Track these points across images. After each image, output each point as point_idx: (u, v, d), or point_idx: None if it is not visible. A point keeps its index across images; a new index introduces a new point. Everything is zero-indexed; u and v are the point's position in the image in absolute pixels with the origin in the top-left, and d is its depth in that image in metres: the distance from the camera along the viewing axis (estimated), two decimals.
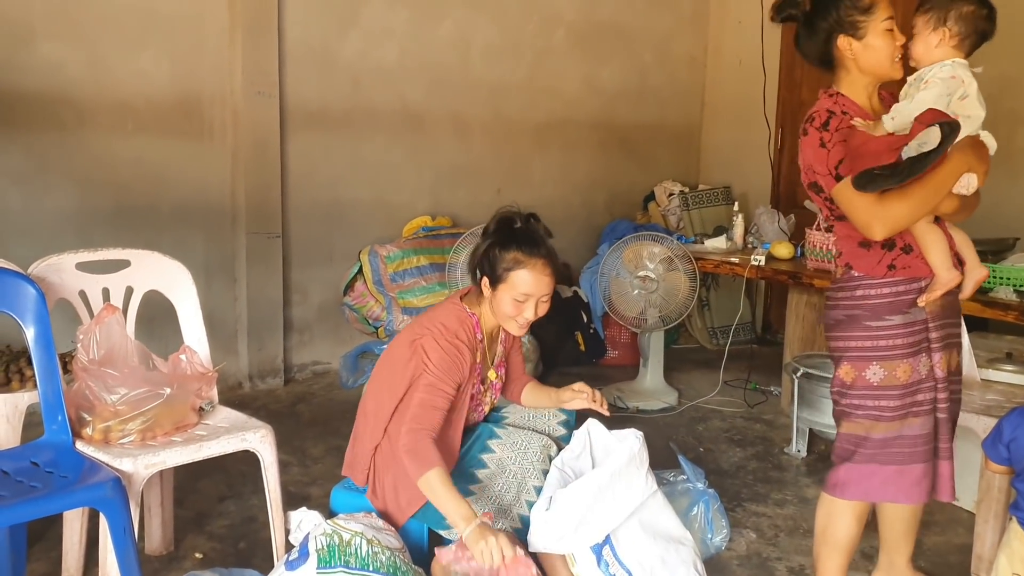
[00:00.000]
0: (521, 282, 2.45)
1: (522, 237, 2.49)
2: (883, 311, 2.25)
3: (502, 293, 2.47)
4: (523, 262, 2.45)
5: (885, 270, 2.26)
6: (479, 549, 2.16)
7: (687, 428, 4.27)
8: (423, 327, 2.52)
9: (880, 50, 2.25)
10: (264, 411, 4.28)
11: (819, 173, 2.26)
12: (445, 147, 5.39)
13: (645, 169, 6.34)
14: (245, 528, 3.06)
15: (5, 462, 2.24)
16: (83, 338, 2.39)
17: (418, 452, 2.31)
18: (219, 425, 2.56)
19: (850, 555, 2.45)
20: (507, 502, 2.49)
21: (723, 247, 4.83)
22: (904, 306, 2.26)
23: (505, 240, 2.48)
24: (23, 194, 4.04)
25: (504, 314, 2.49)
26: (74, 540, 2.62)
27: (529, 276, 2.45)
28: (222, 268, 4.64)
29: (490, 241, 2.50)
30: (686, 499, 2.90)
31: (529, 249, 2.46)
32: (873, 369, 2.27)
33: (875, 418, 2.28)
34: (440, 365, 2.42)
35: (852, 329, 2.29)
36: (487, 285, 2.50)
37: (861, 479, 2.32)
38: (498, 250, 2.47)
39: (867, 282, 2.28)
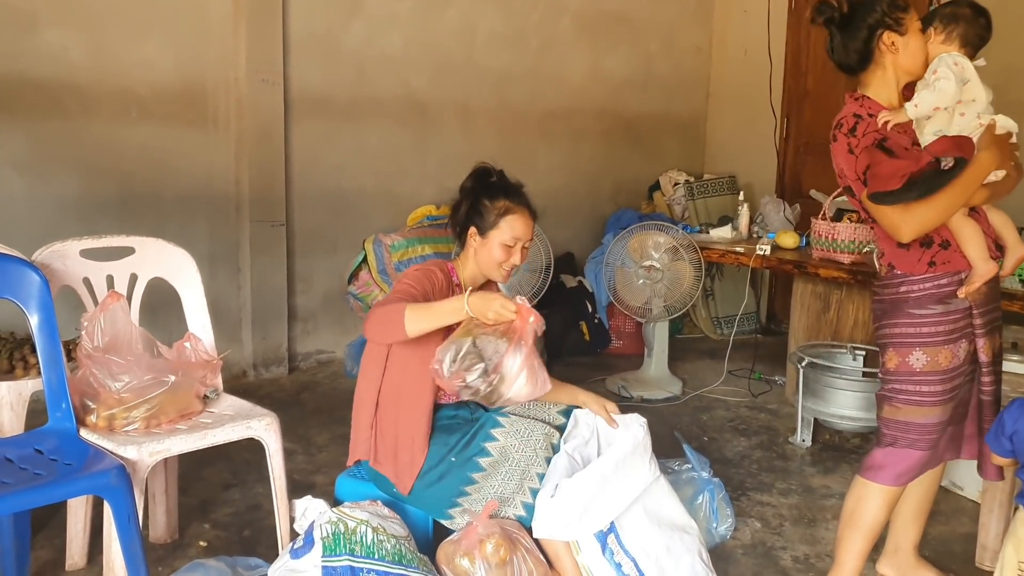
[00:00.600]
0: (511, 227, 2.57)
1: (505, 187, 2.62)
2: (926, 301, 2.33)
3: (492, 240, 2.57)
4: (512, 209, 2.58)
5: (926, 267, 2.33)
6: (491, 313, 2.23)
7: (691, 417, 4.27)
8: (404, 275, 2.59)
9: (918, 46, 2.33)
10: (268, 400, 4.28)
11: (849, 178, 2.35)
12: (450, 136, 5.37)
13: (650, 158, 6.32)
14: (250, 516, 3.06)
15: (9, 449, 2.24)
16: (87, 325, 2.38)
17: (385, 315, 2.31)
18: (224, 413, 2.55)
19: (873, 540, 2.48)
20: (510, 490, 2.48)
21: (728, 237, 4.81)
22: (946, 296, 2.33)
23: (490, 190, 2.61)
24: (27, 181, 4.03)
25: (493, 261, 2.58)
26: (78, 528, 2.63)
27: (518, 221, 2.58)
28: (226, 256, 4.63)
29: (476, 194, 2.62)
30: (691, 488, 2.89)
31: (514, 197, 2.61)
32: (916, 355, 2.34)
33: (917, 403, 2.36)
34: (412, 277, 2.50)
35: (896, 316, 2.37)
36: (475, 235, 2.60)
37: (896, 463, 2.39)
38: (486, 200, 2.59)
39: (909, 279, 2.35)
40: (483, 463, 2.48)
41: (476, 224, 2.59)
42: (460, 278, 2.63)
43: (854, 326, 4.17)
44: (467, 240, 2.62)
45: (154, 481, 2.77)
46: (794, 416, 3.99)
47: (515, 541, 2.42)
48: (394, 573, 2.25)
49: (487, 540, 2.38)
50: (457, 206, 2.67)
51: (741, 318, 5.29)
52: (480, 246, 2.59)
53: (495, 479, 2.48)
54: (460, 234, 2.66)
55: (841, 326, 4.22)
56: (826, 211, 4.06)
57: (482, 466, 2.48)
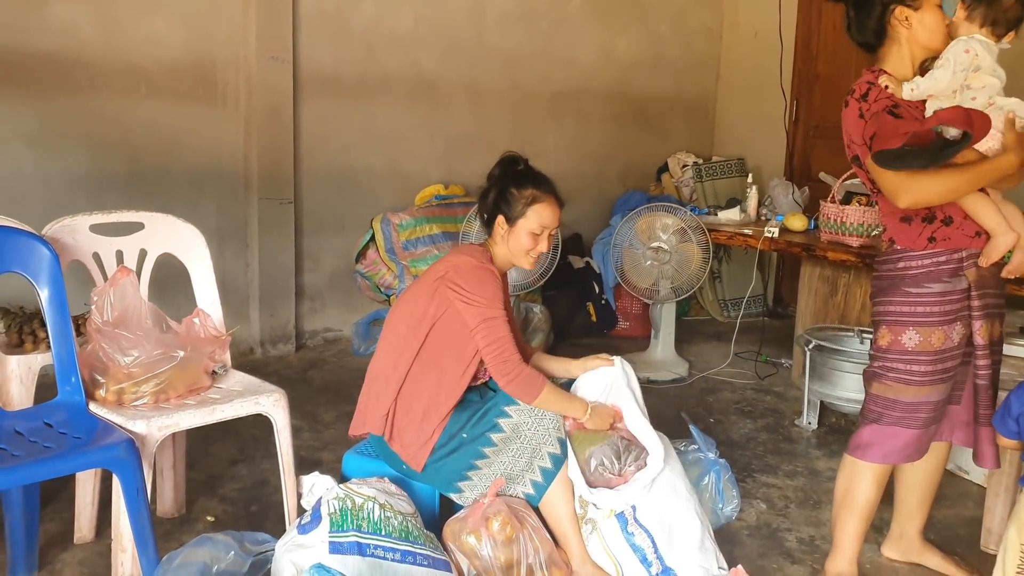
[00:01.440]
0: (538, 216, 2.58)
1: (532, 176, 2.64)
2: (923, 279, 2.33)
3: (520, 229, 2.58)
4: (539, 197, 2.59)
5: (926, 243, 2.33)
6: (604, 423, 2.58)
7: (697, 399, 4.27)
8: (442, 266, 2.59)
9: (935, 21, 2.32)
10: (276, 377, 4.29)
11: (856, 143, 2.34)
12: (458, 115, 5.36)
13: (659, 140, 6.29)
14: (257, 492, 3.08)
15: (19, 422, 2.25)
16: (97, 300, 2.39)
17: (525, 380, 2.48)
18: (232, 389, 2.56)
19: (868, 520, 2.50)
20: (520, 468, 2.49)
21: (736, 219, 4.80)
22: (944, 275, 2.33)
23: (518, 179, 2.62)
24: (36, 156, 4.03)
25: (521, 249, 2.60)
26: (87, 501, 2.65)
27: (546, 210, 2.59)
28: (234, 234, 4.64)
29: (504, 181, 2.62)
30: (697, 468, 2.90)
31: (542, 186, 2.62)
32: (909, 334, 2.35)
33: (905, 382, 2.37)
34: (481, 292, 2.50)
35: (893, 294, 2.37)
36: (503, 224, 2.60)
37: (884, 441, 2.41)
38: (514, 188, 2.59)
39: (908, 254, 2.36)
40: (495, 439, 2.49)
41: (504, 212, 2.60)
42: (496, 265, 2.62)
43: (862, 309, 4.16)
44: (495, 228, 2.63)
45: (162, 456, 2.78)
46: (800, 399, 3.99)
47: (522, 519, 2.43)
48: (401, 549, 2.26)
49: (493, 518, 2.39)
50: (485, 193, 2.67)
51: (748, 301, 5.28)
52: (508, 234, 2.60)
53: (506, 455, 2.49)
54: (488, 221, 2.66)
55: (848, 309, 4.22)
56: (835, 194, 4.04)
57: (494, 442, 2.49)
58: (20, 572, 2.46)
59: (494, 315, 2.49)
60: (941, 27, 2.32)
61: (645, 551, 2.44)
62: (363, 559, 2.19)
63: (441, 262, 2.65)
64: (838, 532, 2.54)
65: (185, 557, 2.13)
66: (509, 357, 2.48)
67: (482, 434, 2.50)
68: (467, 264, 2.55)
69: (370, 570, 2.18)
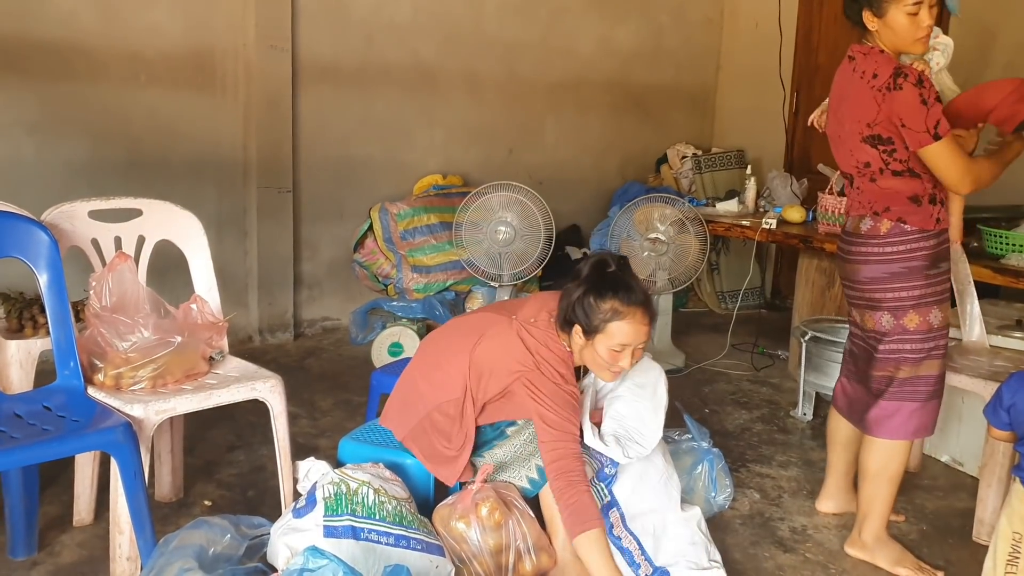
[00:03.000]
0: (620, 333, 2.31)
1: (619, 283, 2.33)
2: (939, 259, 2.51)
3: (599, 344, 2.33)
4: (621, 312, 2.30)
5: (935, 223, 2.48)
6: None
7: (693, 390, 4.29)
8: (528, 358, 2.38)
9: (898, 30, 2.41)
10: (274, 364, 4.30)
11: (910, 128, 2.36)
12: (457, 105, 5.36)
13: (658, 131, 6.30)
14: (254, 477, 3.10)
15: (18, 405, 2.27)
16: (95, 285, 2.40)
17: (578, 509, 2.25)
18: (229, 374, 2.58)
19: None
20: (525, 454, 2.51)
21: (735, 210, 4.81)
22: (946, 255, 2.53)
23: (601, 287, 2.32)
24: (37, 144, 4.05)
25: (600, 364, 2.36)
26: (85, 484, 2.67)
27: (628, 327, 2.31)
28: (233, 222, 4.65)
29: (584, 288, 2.34)
30: (690, 458, 2.92)
31: (627, 297, 2.31)
32: (935, 313, 2.51)
33: (937, 357, 2.55)
34: (560, 404, 2.33)
35: (914, 279, 2.49)
36: (580, 334, 2.35)
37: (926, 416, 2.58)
38: (593, 298, 2.31)
39: (921, 235, 2.47)
40: (508, 432, 2.51)
41: (581, 322, 2.33)
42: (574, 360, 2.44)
43: None
44: (572, 334, 2.38)
45: (160, 441, 2.80)
46: (796, 390, 4.01)
47: (509, 504, 2.45)
48: (395, 534, 2.28)
49: (482, 504, 2.41)
50: (567, 293, 2.38)
51: (745, 292, 5.29)
52: (585, 346, 2.36)
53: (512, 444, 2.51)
54: (566, 323, 2.39)
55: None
56: (833, 185, 4.06)
57: (507, 434, 2.51)
58: (20, 553, 2.49)
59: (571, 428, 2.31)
60: (909, 32, 2.40)
61: (632, 553, 2.46)
62: (357, 543, 2.21)
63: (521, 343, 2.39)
64: (877, 503, 2.65)
65: (182, 540, 2.15)
66: (574, 477, 2.26)
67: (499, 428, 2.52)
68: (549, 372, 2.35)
69: (364, 554, 2.20)
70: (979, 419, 2.76)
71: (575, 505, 2.25)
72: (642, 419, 2.55)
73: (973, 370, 2.87)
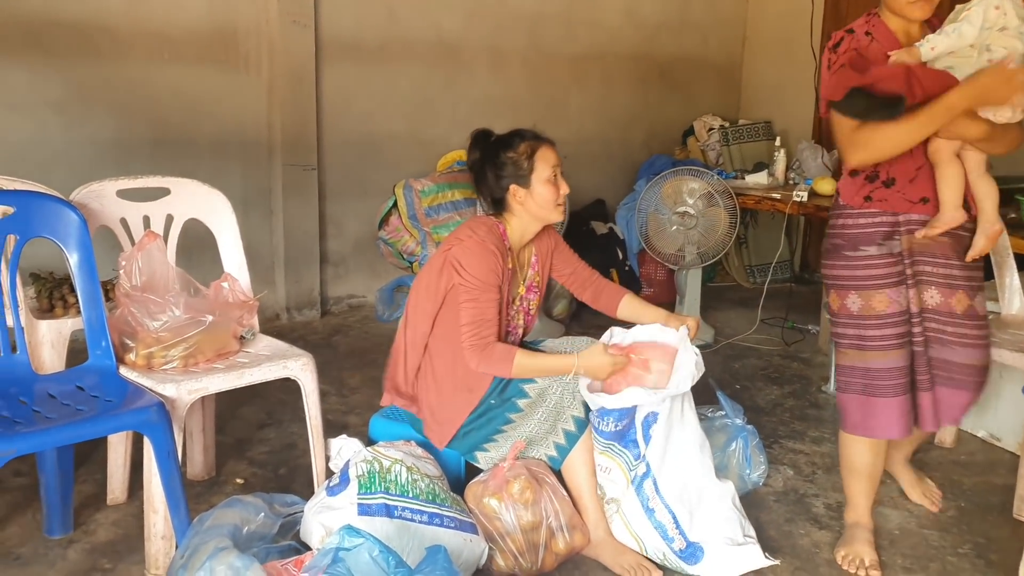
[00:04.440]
0: (545, 160, 2.52)
1: (509, 136, 2.56)
2: (859, 241, 2.34)
3: (536, 182, 2.52)
4: (534, 144, 2.53)
5: (862, 200, 2.34)
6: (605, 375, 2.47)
7: (723, 366, 4.25)
8: (450, 241, 2.55)
9: None
10: (301, 342, 4.28)
11: (822, 96, 2.31)
12: (481, 79, 5.31)
13: (685, 103, 6.21)
14: (285, 455, 3.10)
15: (51, 385, 2.28)
16: (125, 264, 2.40)
17: (494, 356, 2.43)
18: (260, 353, 2.57)
19: (870, 479, 2.55)
20: (543, 431, 2.50)
21: (764, 183, 4.74)
22: (878, 237, 2.33)
23: (503, 144, 2.55)
24: (63, 123, 4.05)
25: (548, 201, 2.53)
26: (118, 464, 2.68)
27: (547, 151, 2.53)
28: (259, 200, 4.64)
29: (491, 155, 2.55)
30: (724, 435, 2.89)
31: (525, 136, 2.55)
32: (852, 298, 2.36)
33: (859, 347, 2.37)
34: (475, 272, 2.45)
35: (835, 258, 2.40)
36: (518, 191, 2.53)
37: (854, 411, 2.42)
38: (505, 154, 2.53)
39: (847, 211, 2.38)
40: (521, 404, 2.49)
41: (514, 180, 2.52)
42: (509, 240, 2.58)
43: None
44: (508, 201, 2.55)
45: (192, 420, 2.81)
46: (827, 365, 3.96)
47: (541, 481, 2.44)
48: (428, 512, 2.28)
49: (514, 481, 2.40)
50: (480, 178, 2.58)
51: (775, 266, 5.23)
52: (527, 197, 2.52)
53: (531, 420, 2.50)
54: (498, 201, 2.57)
55: None
56: None
57: (520, 407, 2.49)
58: (56, 531, 2.50)
59: (484, 297, 2.44)
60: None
61: (666, 527, 2.44)
62: (391, 521, 2.21)
63: (452, 235, 2.60)
64: (845, 489, 2.62)
65: (216, 519, 2.15)
66: (476, 340, 2.42)
67: (509, 399, 2.50)
68: (471, 241, 2.48)
69: (398, 532, 2.19)
70: (1017, 394, 2.71)
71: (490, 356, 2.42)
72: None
73: (1013, 344, 2.81)
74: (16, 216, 2.32)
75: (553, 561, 2.42)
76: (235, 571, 1.96)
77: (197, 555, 2.01)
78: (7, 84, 3.89)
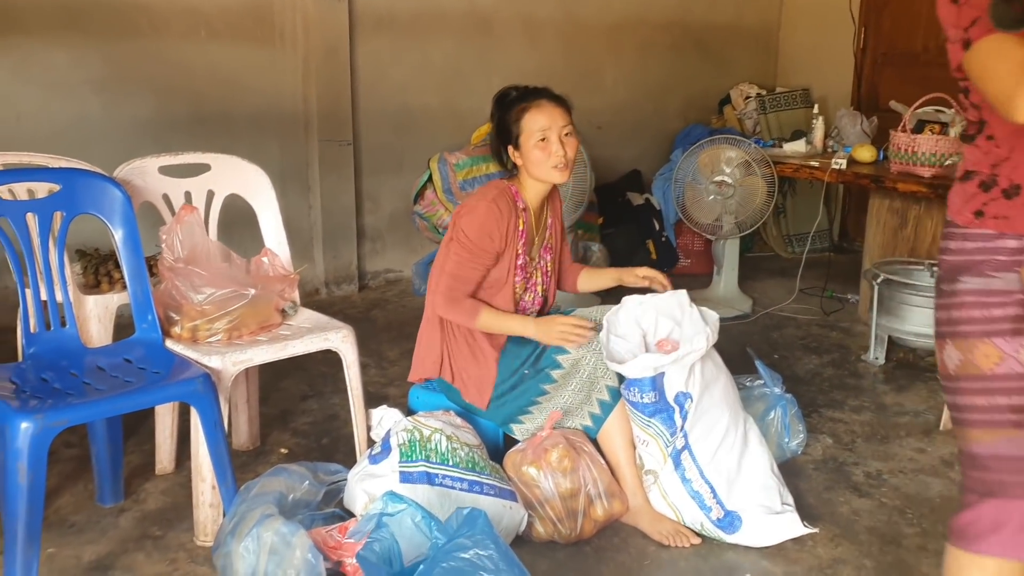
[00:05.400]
0: (533, 121, 2.49)
1: (519, 95, 2.56)
2: (960, 270, 1.62)
3: (526, 146, 2.51)
4: (527, 107, 2.52)
5: (971, 216, 1.61)
6: (553, 338, 2.48)
7: (761, 336, 4.23)
8: (460, 208, 2.59)
9: None
10: (341, 316, 4.26)
11: (950, 39, 1.57)
12: (514, 51, 5.28)
13: (721, 71, 6.14)
14: (327, 425, 3.16)
15: (100, 358, 2.33)
16: (166, 238, 2.44)
17: (462, 307, 2.51)
18: (302, 326, 2.61)
19: None
20: (578, 401, 2.52)
21: (802, 151, 4.69)
22: (989, 268, 1.59)
23: (506, 107, 2.56)
24: (103, 101, 4.10)
25: (539, 163, 2.51)
26: (166, 434, 2.74)
27: (537, 113, 2.50)
28: (296, 176, 4.68)
29: (498, 115, 2.58)
30: (762, 404, 2.89)
31: (525, 95, 2.55)
32: (948, 351, 1.65)
33: (960, 422, 1.65)
34: (472, 234, 2.49)
35: (936, 295, 1.70)
36: (514, 152, 2.55)
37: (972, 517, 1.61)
38: (503, 116, 2.55)
39: (952, 231, 1.65)
40: (555, 375, 2.51)
41: (508, 142, 2.55)
42: (524, 200, 2.60)
43: (932, 242, 4.05)
44: (513, 161, 2.58)
45: (236, 391, 2.86)
46: (867, 334, 3.93)
47: (579, 449, 2.46)
48: (468, 479, 2.31)
49: (552, 449, 2.43)
50: (490, 138, 2.65)
51: (814, 236, 5.17)
52: (522, 157, 2.54)
53: (565, 391, 2.51)
54: (506, 162, 2.62)
55: (919, 242, 4.11)
56: (906, 123, 3.92)
57: (554, 378, 2.51)
58: (108, 500, 2.58)
59: (472, 259, 2.50)
60: None
61: (704, 497, 2.45)
62: (432, 488, 2.24)
63: (465, 200, 2.64)
64: None
65: (262, 487, 2.21)
66: (448, 292, 2.51)
67: (542, 370, 2.52)
68: (479, 203, 2.52)
69: (439, 499, 2.23)
70: None
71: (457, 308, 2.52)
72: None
73: None
74: (62, 193, 2.37)
75: (592, 528, 2.45)
76: (282, 537, 2.02)
77: (244, 522, 2.07)
78: (48, 64, 3.95)
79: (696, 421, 2.46)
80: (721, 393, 2.53)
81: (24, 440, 1.91)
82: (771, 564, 2.38)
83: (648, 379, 2.43)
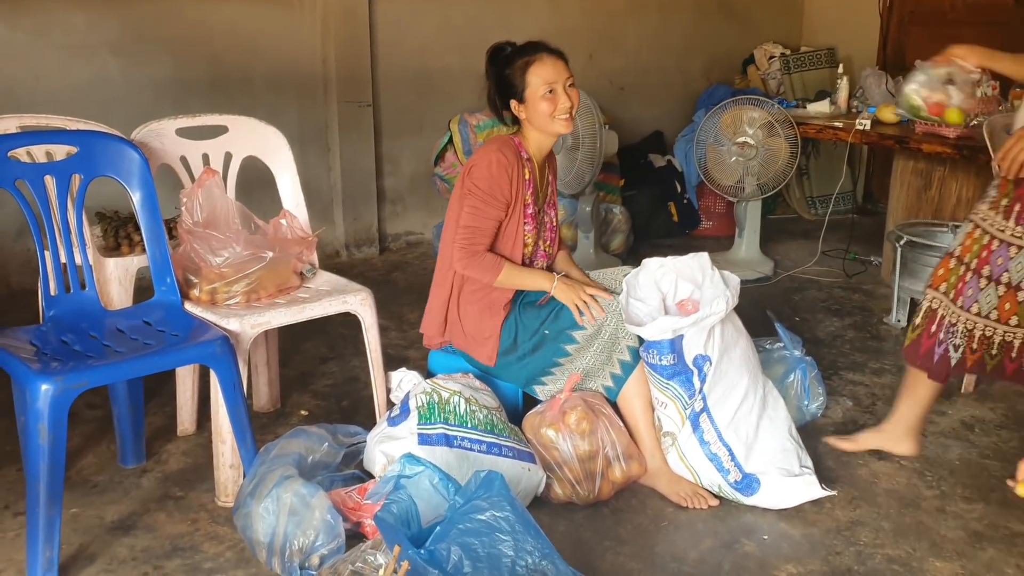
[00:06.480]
0: (539, 74, 2.52)
1: (518, 50, 2.58)
2: None
3: (531, 98, 2.53)
4: (531, 60, 2.54)
5: None
6: (570, 301, 2.50)
7: (783, 298, 4.20)
8: (467, 164, 2.62)
9: None
10: (361, 278, 4.25)
11: None
12: (535, 10, 5.21)
13: (744, 31, 6.03)
14: (347, 387, 3.17)
15: (120, 321, 2.35)
16: (186, 201, 2.44)
17: (484, 263, 2.53)
18: (321, 288, 2.62)
19: None
20: (599, 363, 2.52)
21: (826, 111, 4.62)
22: None
23: (507, 61, 2.58)
24: (121, 63, 4.09)
25: (545, 116, 2.53)
26: (187, 396, 2.77)
27: (543, 66, 2.53)
28: (315, 138, 4.66)
29: (495, 71, 2.60)
30: (782, 366, 2.87)
31: (526, 49, 2.57)
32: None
33: None
34: (483, 183, 2.52)
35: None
36: (517, 106, 2.57)
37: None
38: (505, 71, 2.56)
39: None
40: (577, 336, 2.50)
41: (512, 96, 2.57)
42: (528, 151, 2.62)
43: (957, 204, 3.99)
44: (517, 114, 2.60)
45: (256, 354, 2.88)
46: (889, 297, 3.89)
47: (597, 412, 2.46)
48: (487, 441, 2.32)
49: (570, 412, 2.43)
50: (489, 95, 2.65)
51: (837, 197, 5.10)
52: (527, 110, 2.56)
53: (587, 353, 2.51)
54: (505, 115, 2.64)
55: (943, 204, 4.05)
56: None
57: (576, 339, 2.51)
58: (130, 461, 2.61)
59: (486, 209, 2.52)
60: None
61: (722, 460, 2.44)
62: (451, 450, 2.25)
63: (472, 156, 2.65)
64: None
65: (282, 448, 2.23)
66: (467, 245, 2.52)
67: (563, 331, 2.51)
68: (485, 151, 2.55)
69: (458, 461, 2.24)
70: None
71: (478, 264, 2.53)
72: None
73: None
74: (80, 156, 2.37)
75: (610, 489, 2.46)
76: (301, 499, 2.04)
77: (264, 483, 2.09)
78: (67, 25, 3.94)
79: (715, 384, 2.45)
80: (741, 356, 2.52)
81: (44, 402, 1.93)
82: (789, 526, 2.38)
83: (667, 342, 2.42)
